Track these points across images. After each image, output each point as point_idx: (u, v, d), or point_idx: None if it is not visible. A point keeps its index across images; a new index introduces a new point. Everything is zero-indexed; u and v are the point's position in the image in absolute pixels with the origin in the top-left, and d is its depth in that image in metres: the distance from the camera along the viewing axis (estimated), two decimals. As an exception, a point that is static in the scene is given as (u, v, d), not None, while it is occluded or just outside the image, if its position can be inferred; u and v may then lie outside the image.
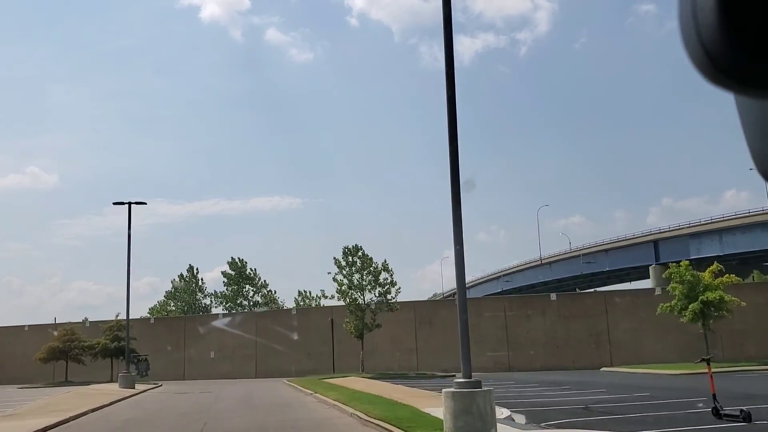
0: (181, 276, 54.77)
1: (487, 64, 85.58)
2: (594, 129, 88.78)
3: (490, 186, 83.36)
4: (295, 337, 42.62)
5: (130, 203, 30.79)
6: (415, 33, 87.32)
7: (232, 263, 53.49)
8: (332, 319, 38.41)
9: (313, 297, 56.60)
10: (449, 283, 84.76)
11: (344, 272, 35.78)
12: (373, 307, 35.70)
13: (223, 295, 53.09)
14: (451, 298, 70.16)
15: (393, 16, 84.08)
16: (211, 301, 53.85)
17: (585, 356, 37.48)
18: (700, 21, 0.78)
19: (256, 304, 53.06)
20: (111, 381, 35.37)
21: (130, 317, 45.62)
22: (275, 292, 54.52)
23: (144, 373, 37.15)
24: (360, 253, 36.03)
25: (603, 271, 65.94)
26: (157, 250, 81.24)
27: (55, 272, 77.96)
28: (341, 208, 78.90)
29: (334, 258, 36.28)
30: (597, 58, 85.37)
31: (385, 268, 35.52)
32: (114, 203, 31.07)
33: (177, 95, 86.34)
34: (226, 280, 53.30)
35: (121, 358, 37.02)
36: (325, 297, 36.13)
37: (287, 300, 54.65)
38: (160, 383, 35.76)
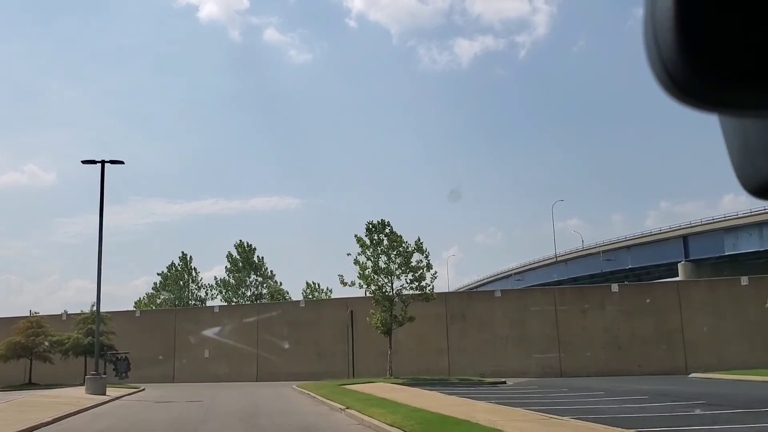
0: (172, 265, 48.45)
1: (486, 67, 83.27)
2: (591, 132, 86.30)
3: (487, 188, 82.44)
4: (304, 334, 36.39)
5: (103, 161, 24.83)
6: (413, 35, 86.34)
7: (239, 246, 47.18)
8: (352, 311, 32.19)
9: (322, 290, 50.51)
10: (456, 282, 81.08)
11: (368, 253, 29.55)
12: (403, 296, 29.42)
13: (224, 283, 46.70)
14: (486, 287, 64.49)
15: (392, 18, 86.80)
16: (206, 293, 47.64)
17: (654, 359, 31.38)
18: (660, 41, 0.79)
19: (259, 296, 46.76)
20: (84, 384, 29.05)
21: (113, 310, 39.66)
22: (281, 284, 48.20)
23: (123, 375, 31.17)
24: (388, 230, 29.80)
25: (625, 269, 59.81)
26: (155, 249, 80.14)
27: (54, 270, 79.11)
28: (340, 209, 78.24)
29: (356, 236, 30.19)
30: (595, 61, 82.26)
31: (419, 248, 29.33)
32: (83, 162, 25.03)
33: (176, 94, 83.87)
34: (229, 266, 46.95)
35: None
36: (345, 284, 29.98)
37: (293, 296, 48.26)
38: (142, 387, 29.69)
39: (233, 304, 45.82)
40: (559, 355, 32.65)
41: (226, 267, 47.93)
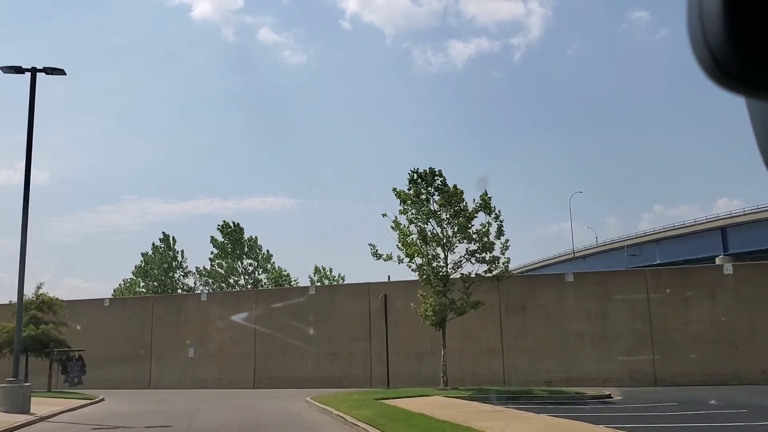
0: (153, 247, 40.60)
1: (481, 69, 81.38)
2: (586, 135, 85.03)
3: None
4: (313, 329, 28.57)
5: (34, 69, 17.43)
6: (408, 37, 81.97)
7: (223, 228, 39.42)
8: (386, 296, 24.55)
9: (333, 277, 42.65)
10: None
11: (411, 213, 21.73)
12: (466, 273, 21.81)
13: (212, 274, 38.88)
14: (554, 266, 57.56)
15: (386, 20, 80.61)
16: (195, 282, 39.84)
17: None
18: (707, 26, 0.82)
19: (256, 284, 38.93)
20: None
21: (77, 299, 32.09)
22: (284, 271, 40.32)
23: (76, 380, 23.50)
24: (439, 181, 21.96)
25: (653, 264, 52.72)
26: (148, 249, 69.97)
27: (47, 269, 76.70)
28: (336, 210, 76.65)
29: (395, 191, 22.33)
30: (590, 64, 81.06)
31: (485, 206, 21.46)
32: (3, 69, 17.49)
33: (171, 93, 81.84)
34: (215, 252, 39.19)
35: (43, 355, 23.11)
36: (379, 256, 22.16)
37: (300, 283, 40.49)
38: (100, 396, 22.38)
39: (224, 290, 37.95)
40: (652, 357, 25.10)
41: (211, 254, 40.09)
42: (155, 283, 40.76)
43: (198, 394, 26.67)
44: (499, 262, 21.87)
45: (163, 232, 42.19)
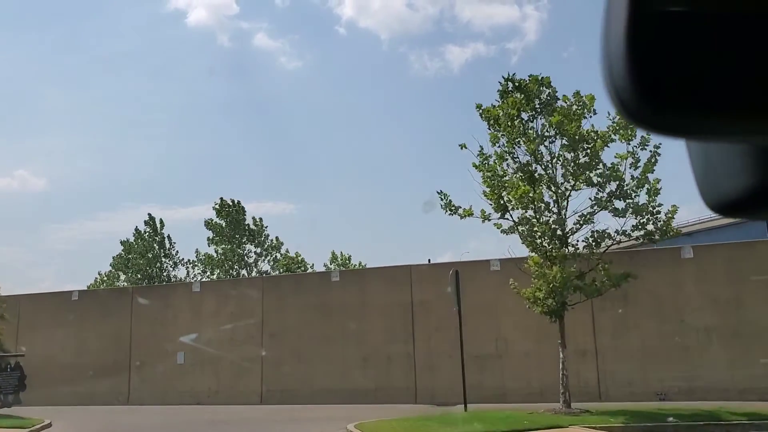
0: (136, 232, 33.93)
1: (478, 73, 78.26)
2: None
3: (477, 193, 73.84)
4: (338, 327, 21.78)
5: None
6: (404, 41, 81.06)
7: (221, 207, 32.72)
8: (457, 272, 17.72)
9: (353, 266, 35.85)
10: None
11: (505, 143, 14.69)
12: (598, 231, 15.04)
13: (207, 260, 32.15)
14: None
15: (382, 25, 79.70)
16: (187, 272, 33.22)
17: None
18: (613, 69, 0.86)
19: (261, 274, 32.24)
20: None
21: (42, 292, 25.87)
22: (299, 255, 33.57)
23: (10, 398, 16.90)
24: (547, 93, 14.90)
25: None
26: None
27: (47, 276, 76.35)
28: (334, 215, 74.37)
29: (479, 109, 15.29)
30: (585, 66, 75.68)
31: (619, 129, 14.36)
32: None
33: (168, 100, 78.90)
34: (211, 235, 32.46)
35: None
36: (453, 210, 15.10)
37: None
38: (46, 421, 15.55)
39: (222, 279, 31.18)
40: (812, 361, 18.16)
41: (208, 239, 33.37)
42: (139, 276, 34.12)
43: (188, 413, 20.21)
44: (653, 215, 14.67)
45: (149, 214, 35.58)
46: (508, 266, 20.12)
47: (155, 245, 34.62)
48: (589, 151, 14.98)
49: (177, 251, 35.12)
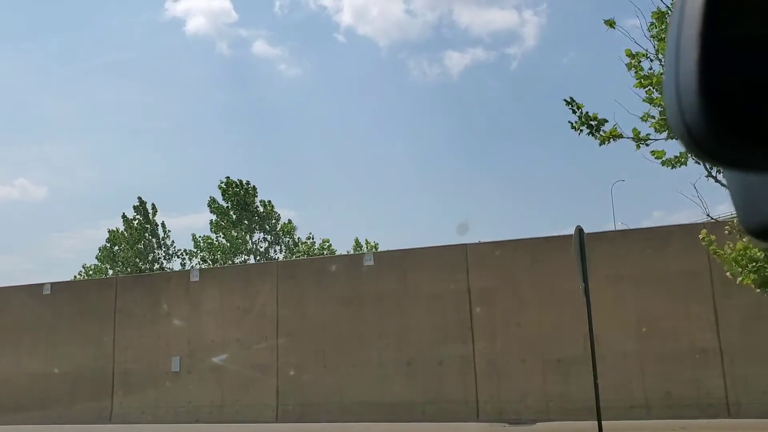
0: (124, 219, 29.25)
1: (477, 79, 77.91)
2: (586, 141, 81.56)
3: (481, 199, 77.62)
4: (373, 323, 16.76)
5: None
6: (403, 48, 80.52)
7: (227, 186, 28.08)
8: (581, 230, 13.24)
9: (377, 248, 31.02)
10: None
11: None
12: None
13: (210, 246, 27.44)
14: None
15: (380, 31, 78.46)
16: (182, 264, 28.55)
17: None
18: (684, 102, 0.85)
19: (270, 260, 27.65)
20: None
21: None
22: (311, 239, 28.89)
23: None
24: None
25: None
26: None
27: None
28: (335, 221, 73.27)
29: None
30: (586, 71, 76.62)
31: None
32: None
33: (169, 107, 78.01)
34: (214, 218, 27.78)
35: None
36: (591, 126, 10.32)
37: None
38: None
39: (227, 265, 26.45)
40: None
41: (210, 223, 28.66)
42: (129, 270, 29.44)
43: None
44: None
45: (139, 198, 30.94)
46: (592, 241, 15.43)
47: (147, 234, 30.03)
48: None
49: (173, 241, 30.61)
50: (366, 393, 17.70)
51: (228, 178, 29.18)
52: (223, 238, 28.22)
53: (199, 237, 28.84)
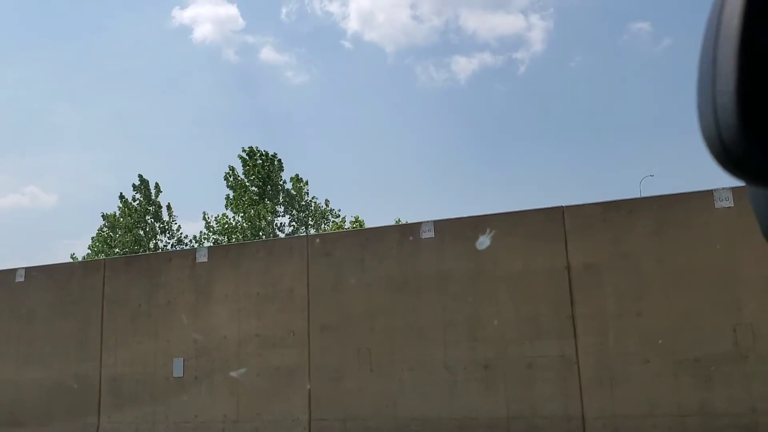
0: (122, 201, 25.16)
1: (485, 83, 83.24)
2: (590, 144, 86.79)
3: (485, 203, 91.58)
4: (435, 313, 12.23)
5: None
6: (410, 53, 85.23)
7: (249, 155, 24.08)
8: None
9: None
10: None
11: None
12: None
13: (224, 228, 23.30)
14: None
15: (387, 37, 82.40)
16: (194, 240, 24.61)
17: None
18: (721, 121, 0.85)
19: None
20: None
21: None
22: (338, 214, 24.90)
23: None
24: None
25: None
26: None
27: None
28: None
29: None
30: (593, 75, 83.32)
31: None
32: None
33: (179, 115, 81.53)
34: (232, 196, 23.71)
35: None
36: None
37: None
38: None
39: (241, 242, 22.34)
40: None
41: (227, 199, 24.49)
42: (123, 249, 25.30)
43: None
44: None
45: (140, 176, 26.74)
46: (745, 201, 11.19)
47: (148, 217, 25.93)
48: None
49: (179, 226, 26.47)
50: (428, 406, 13.39)
51: (251, 147, 24.97)
52: (242, 217, 24.00)
53: (212, 216, 24.73)
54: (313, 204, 25.53)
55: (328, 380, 14.72)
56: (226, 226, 24.55)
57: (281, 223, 25.81)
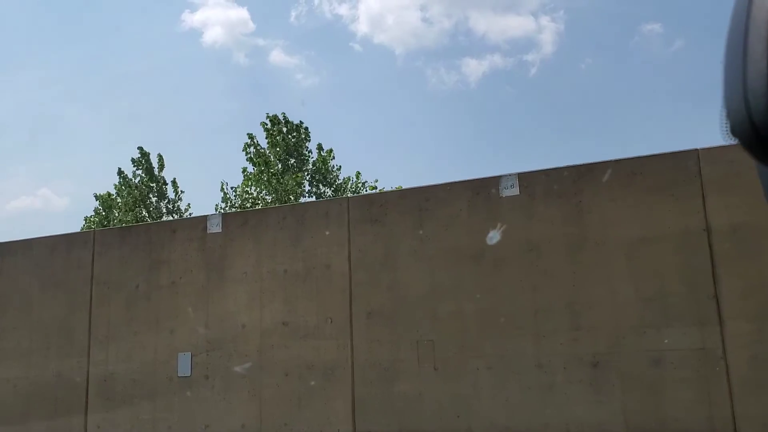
0: (120, 176, 22.13)
1: (495, 86, 76.64)
2: (596, 147, 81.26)
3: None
4: (527, 294, 8.61)
5: None
6: (419, 56, 79.01)
7: (272, 123, 21.04)
8: None
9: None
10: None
11: None
12: None
13: (243, 198, 20.25)
14: None
15: (396, 40, 75.80)
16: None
17: None
18: (753, 105, 0.85)
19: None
20: None
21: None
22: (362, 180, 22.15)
23: None
24: None
25: None
26: None
27: None
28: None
29: None
30: (604, 77, 76.14)
31: None
32: None
33: (190, 117, 76.34)
34: (254, 171, 20.67)
35: None
36: None
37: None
38: None
39: (263, 208, 19.34)
40: None
41: (243, 171, 21.48)
42: (121, 223, 22.37)
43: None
44: None
45: (140, 148, 23.68)
46: None
47: (151, 195, 22.93)
48: None
49: (189, 204, 23.40)
50: (513, 416, 10.15)
51: (275, 115, 21.99)
52: (266, 192, 21.00)
53: (231, 188, 21.67)
54: (340, 177, 22.65)
55: (378, 381, 11.46)
56: (247, 197, 21.61)
57: (324, 190, 22.96)
